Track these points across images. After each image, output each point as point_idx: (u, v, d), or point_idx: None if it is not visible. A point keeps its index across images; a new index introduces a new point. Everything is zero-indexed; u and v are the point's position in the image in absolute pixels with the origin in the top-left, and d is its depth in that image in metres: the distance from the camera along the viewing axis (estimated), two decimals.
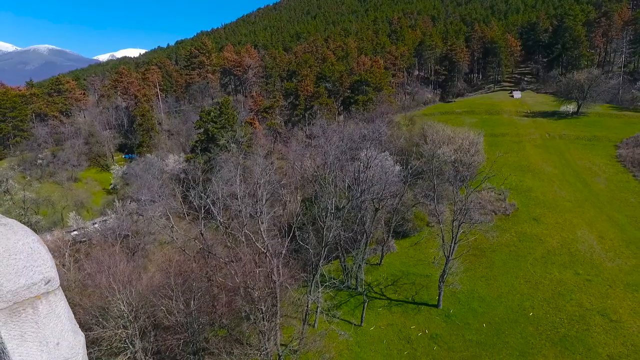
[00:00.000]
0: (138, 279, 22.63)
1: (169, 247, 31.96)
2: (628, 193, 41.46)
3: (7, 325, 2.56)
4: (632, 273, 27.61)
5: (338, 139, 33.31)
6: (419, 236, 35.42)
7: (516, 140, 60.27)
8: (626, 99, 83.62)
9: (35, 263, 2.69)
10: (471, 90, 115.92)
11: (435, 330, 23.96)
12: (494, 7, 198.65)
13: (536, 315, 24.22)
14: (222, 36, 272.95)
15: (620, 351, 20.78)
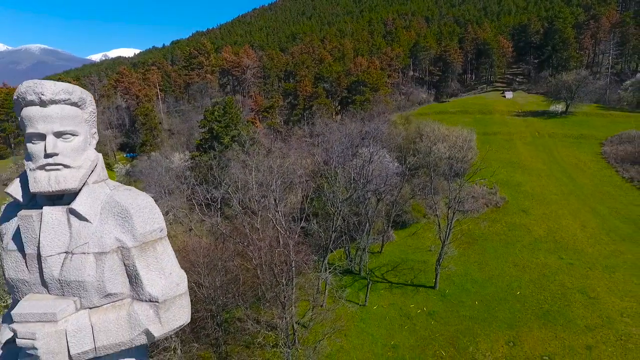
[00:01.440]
0: None
1: (187, 235, 34.20)
2: (610, 187, 44.43)
3: (139, 258, 3.26)
4: (609, 257, 30.41)
5: (341, 136, 35.76)
6: (416, 226, 38.04)
7: (507, 138, 63.16)
8: (613, 99, 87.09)
9: (153, 216, 3.37)
10: (465, 91, 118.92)
11: (432, 308, 26.51)
12: (487, 9, 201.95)
13: (523, 294, 26.87)
14: (217, 36, 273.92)
15: (596, 322, 23.45)
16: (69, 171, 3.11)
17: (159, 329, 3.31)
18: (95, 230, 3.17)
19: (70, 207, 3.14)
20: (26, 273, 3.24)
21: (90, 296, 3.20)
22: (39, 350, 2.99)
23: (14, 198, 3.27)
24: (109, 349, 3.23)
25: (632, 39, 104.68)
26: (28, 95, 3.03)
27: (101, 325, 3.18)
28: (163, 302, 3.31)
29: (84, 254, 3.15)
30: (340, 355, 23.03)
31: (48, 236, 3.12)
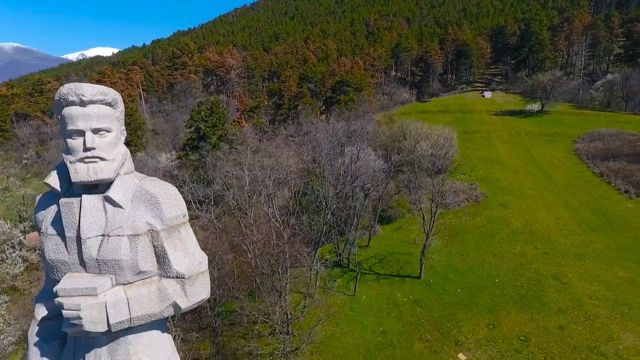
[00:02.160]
0: None
1: None
2: (582, 182, 47.04)
3: (167, 240, 3.61)
4: (580, 246, 32.61)
5: (328, 135, 37.07)
6: (402, 221, 39.64)
7: (486, 136, 65.59)
8: (585, 98, 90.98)
9: (178, 203, 3.72)
10: (445, 91, 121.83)
11: (418, 296, 28.07)
12: (466, 10, 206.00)
13: (501, 281, 28.69)
14: (199, 36, 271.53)
15: (567, 305, 25.38)
16: (104, 163, 3.47)
17: (185, 302, 3.72)
18: (128, 215, 3.53)
19: (106, 195, 3.50)
20: (66, 254, 3.55)
21: (124, 274, 3.56)
22: (83, 320, 3.34)
23: (53, 188, 3.59)
24: (141, 320, 3.60)
25: (602, 41, 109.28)
26: (70, 97, 3.40)
27: (135, 299, 3.53)
28: (189, 278, 3.69)
29: (119, 236, 3.51)
30: (332, 342, 24.33)
31: (87, 221, 3.46)
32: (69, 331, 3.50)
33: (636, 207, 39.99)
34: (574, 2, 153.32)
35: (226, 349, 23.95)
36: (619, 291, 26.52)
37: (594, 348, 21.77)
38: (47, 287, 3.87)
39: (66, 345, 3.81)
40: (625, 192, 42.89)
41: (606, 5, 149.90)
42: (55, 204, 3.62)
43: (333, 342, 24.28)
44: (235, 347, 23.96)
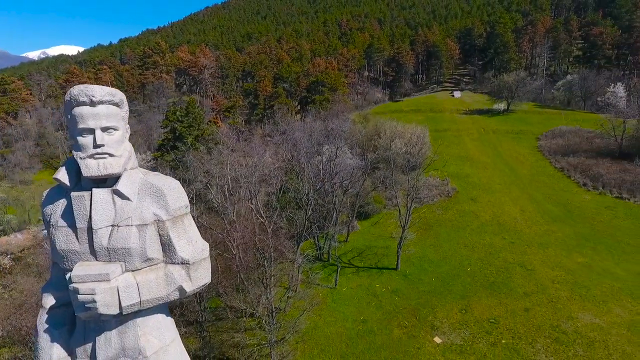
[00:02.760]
0: None
1: None
2: (545, 176, 50.04)
3: (172, 229, 3.85)
4: (543, 236, 35.00)
5: (305, 134, 38.09)
6: (378, 216, 41.16)
7: (456, 134, 68.33)
8: (547, 97, 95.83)
9: (181, 195, 3.95)
10: (417, 90, 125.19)
11: (395, 286, 29.51)
12: (435, 12, 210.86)
13: (472, 269, 30.54)
14: (170, 35, 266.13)
15: (532, 289, 27.41)
16: (113, 159, 3.70)
17: (190, 286, 3.98)
18: (135, 207, 3.78)
19: (115, 188, 3.74)
20: (77, 244, 3.76)
21: (133, 261, 3.79)
22: (97, 303, 3.57)
23: (62, 183, 3.82)
24: (150, 303, 3.85)
25: (563, 44, 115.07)
26: (80, 97, 3.61)
27: (144, 283, 3.78)
28: (193, 263, 3.96)
29: (128, 226, 3.75)
30: (315, 332, 25.37)
31: (98, 212, 3.69)
32: (82, 315, 3.76)
33: (593, 198, 43.07)
34: (536, 5, 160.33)
35: (213, 342, 24.59)
36: (577, 275, 28.82)
37: (556, 327, 23.74)
38: (54, 278, 4.15)
39: (75, 331, 4.08)
40: (583, 185, 46.04)
41: (566, 10, 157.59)
42: (63, 198, 3.86)
43: (316, 332, 25.32)
44: (223, 340, 24.64)
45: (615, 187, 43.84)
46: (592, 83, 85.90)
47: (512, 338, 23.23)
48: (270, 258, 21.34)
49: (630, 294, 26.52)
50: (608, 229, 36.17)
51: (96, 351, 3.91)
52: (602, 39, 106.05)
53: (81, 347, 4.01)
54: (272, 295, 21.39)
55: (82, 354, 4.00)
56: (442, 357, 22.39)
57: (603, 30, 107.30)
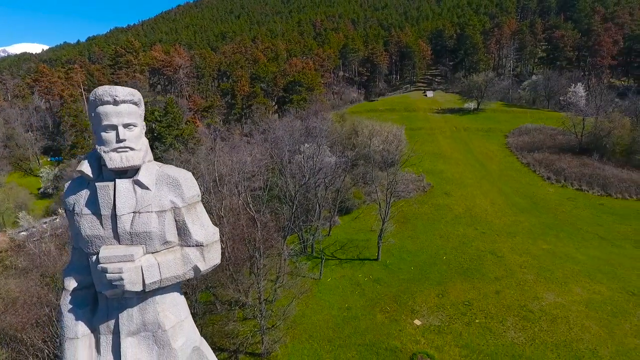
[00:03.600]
0: None
1: None
2: (513, 171, 53.17)
3: (187, 215, 4.22)
4: (511, 226, 37.61)
5: (286, 133, 39.35)
6: (358, 211, 42.89)
7: (430, 133, 71.05)
8: (514, 97, 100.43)
9: (194, 184, 4.33)
10: (391, 90, 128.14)
11: (377, 276, 31.23)
12: (407, 13, 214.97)
13: (448, 258, 32.65)
14: (140, 33, 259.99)
15: (502, 274, 29.70)
16: (133, 152, 4.04)
17: (204, 265, 4.37)
18: (154, 195, 4.13)
19: (135, 179, 4.08)
20: (101, 230, 4.09)
21: (153, 243, 4.13)
22: (124, 281, 3.91)
23: (85, 174, 4.15)
24: (169, 281, 4.22)
25: (528, 45, 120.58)
26: (105, 97, 3.95)
27: (164, 263, 4.12)
28: (206, 245, 4.33)
29: (148, 212, 4.08)
30: (303, 320, 26.72)
31: (121, 200, 4.02)
32: (108, 293, 4.13)
33: (556, 191, 46.28)
34: (502, 8, 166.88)
35: (205, 332, 25.54)
36: (542, 260, 31.36)
37: (524, 306, 26.00)
38: (76, 262, 4.45)
39: (98, 309, 4.44)
40: (547, 178, 49.31)
41: (531, 13, 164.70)
42: (86, 189, 4.19)
43: (304, 320, 26.68)
44: (214, 331, 25.63)
45: (575, 180, 47.25)
46: (555, 83, 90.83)
47: (484, 318, 25.31)
48: (260, 249, 22.55)
49: (588, 275, 29.20)
50: (569, 218, 39.21)
51: (119, 326, 4.29)
52: (564, 41, 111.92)
53: (104, 323, 4.39)
54: (262, 284, 22.60)
55: (105, 330, 4.38)
56: (422, 338, 24.20)
57: (565, 34, 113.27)
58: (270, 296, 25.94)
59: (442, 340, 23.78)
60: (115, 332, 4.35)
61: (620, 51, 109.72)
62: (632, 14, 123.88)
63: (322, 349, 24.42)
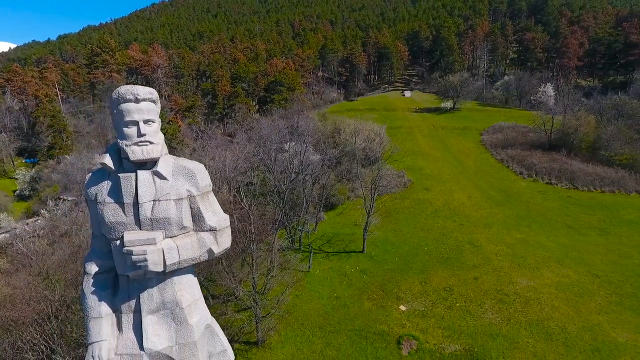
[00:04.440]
0: None
1: None
2: (487, 167, 55.83)
3: (201, 203, 4.60)
4: (487, 217, 39.88)
5: (275, 131, 40.47)
6: (343, 207, 44.40)
7: (409, 131, 73.30)
8: (488, 96, 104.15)
9: (206, 175, 4.71)
10: (370, 90, 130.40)
11: (363, 267, 32.76)
12: (384, 15, 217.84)
13: (429, 248, 34.52)
14: (114, 32, 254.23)
15: (480, 262, 31.74)
16: (152, 146, 4.35)
17: (217, 248, 4.71)
18: (171, 185, 4.47)
19: (155, 170, 4.42)
20: (123, 217, 4.40)
21: (172, 229, 4.46)
22: (148, 262, 4.23)
23: (107, 166, 4.46)
24: (186, 262, 4.56)
25: (500, 47, 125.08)
26: (127, 96, 4.29)
27: (182, 246, 4.46)
28: (219, 230, 4.69)
29: (167, 200, 4.41)
30: (295, 309, 27.96)
31: (143, 189, 4.35)
32: (131, 274, 4.45)
33: (528, 185, 49.07)
34: (475, 11, 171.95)
35: None
36: (516, 249, 33.62)
37: (500, 290, 28.03)
38: (96, 249, 4.78)
39: (119, 291, 4.76)
40: (520, 173, 52.13)
41: (502, 15, 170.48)
42: (107, 180, 4.53)
43: (296, 309, 27.93)
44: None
45: (545, 174, 50.19)
46: (526, 83, 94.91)
47: (464, 302, 27.19)
48: (254, 240, 23.67)
49: (557, 261, 31.59)
50: (540, 210, 41.87)
51: (140, 305, 4.64)
52: (534, 43, 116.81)
53: (126, 303, 4.73)
54: (256, 274, 23.74)
55: (127, 309, 4.73)
56: (408, 321, 25.86)
57: (534, 36, 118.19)
58: (264, 287, 27.08)
59: (426, 323, 25.50)
60: (136, 311, 4.70)
61: (586, 53, 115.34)
62: (596, 17, 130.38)
63: (314, 335, 25.75)
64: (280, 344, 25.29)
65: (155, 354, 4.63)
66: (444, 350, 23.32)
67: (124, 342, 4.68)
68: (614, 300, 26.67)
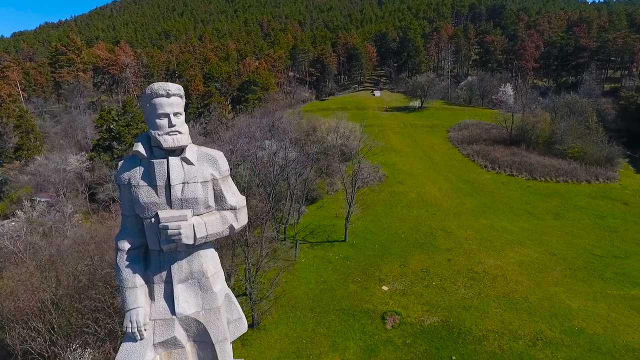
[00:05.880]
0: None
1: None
2: (455, 161, 59.66)
3: (222, 185, 5.12)
4: (457, 207, 43.23)
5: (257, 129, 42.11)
6: (322, 201, 46.62)
7: (381, 129, 76.31)
8: (453, 96, 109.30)
9: (225, 161, 5.23)
10: (340, 90, 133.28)
11: (346, 254, 35.06)
12: (352, 16, 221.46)
13: (406, 235, 37.28)
14: (74, 30, 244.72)
15: (452, 245, 34.77)
16: (181, 135, 4.85)
17: (237, 225, 5.27)
18: (197, 169, 5.00)
19: (183, 156, 4.95)
20: (156, 198, 4.89)
21: (199, 207, 4.99)
22: (182, 235, 4.75)
23: (140, 154, 4.93)
24: (212, 237, 5.09)
25: (463, 49, 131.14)
26: (160, 91, 4.79)
27: (209, 222, 4.98)
28: (238, 209, 5.28)
29: (195, 183, 4.94)
30: (285, 294, 29.84)
31: (174, 173, 4.87)
32: (165, 247, 4.90)
33: (492, 177, 53.08)
34: (439, 13, 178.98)
35: None
36: (483, 233, 36.95)
37: (470, 269, 31.06)
38: (128, 229, 5.22)
39: (151, 264, 5.21)
40: (484, 167, 56.16)
41: (464, 18, 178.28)
42: (139, 166, 4.97)
43: (287, 294, 29.82)
44: None
45: (507, 167, 54.43)
46: (487, 83, 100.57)
47: (440, 280, 30.02)
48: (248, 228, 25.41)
49: (520, 243, 35.12)
50: (503, 199, 45.72)
51: (172, 275, 5.12)
52: (494, 45, 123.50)
53: (157, 275, 5.18)
54: (252, 259, 25.52)
55: (158, 280, 5.19)
56: (390, 300, 28.37)
57: (494, 39, 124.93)
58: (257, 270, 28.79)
59: (406, 300, 28.10)
60: (167, 281, 5.17)
61: (541, 55, 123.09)
62: (550, 22, 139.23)
63: (305, 316, 27.80)
64: (274, 325, 27.16)
65: (185, 318, 5.16)
66: (423, 323, 25.95)
67: (156, 309, 5.16)
68: (567, 274, 30.30)
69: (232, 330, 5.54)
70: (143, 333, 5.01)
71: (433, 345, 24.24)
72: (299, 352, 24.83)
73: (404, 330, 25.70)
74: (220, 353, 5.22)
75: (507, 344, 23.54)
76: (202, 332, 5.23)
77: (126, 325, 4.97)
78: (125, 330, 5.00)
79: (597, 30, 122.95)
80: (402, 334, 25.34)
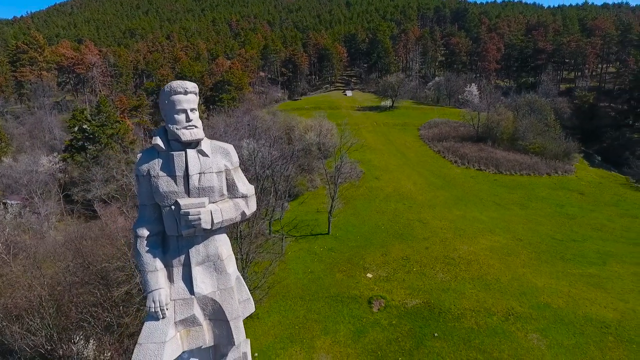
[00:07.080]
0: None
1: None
2: (427, 157, 62.65)
3: (234, 175, 5.52)
4: (432, 199, 45.86)
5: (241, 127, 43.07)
6: (304, 197, 48.10)
7: (355, 128, 78.43)
8: (422, 96, 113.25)
9: (235, 153, 5.65)
10: (312, 90, 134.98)
11: (330, 246, 36.71)
12: (321, 17, 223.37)
13: (386, 227, 39.37)
14: (31, 27, 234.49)
15: (428, 235, 37.15)
16: (197, 129, 5.26)
17: (248, 211, 5.76)
18: (212, 160, 5.42)
19: (199, 149, 5.35)
20: (175, 187, 5.25)
21: (215, 196, 5.39)
22: (201, 220, 5.14)
23: (159, 147, 5.30)
24: (227, 222, 5.53)
25: (430, 50, 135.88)
26: (178, 89, 5.16)
27: (224, 209, 5.42)
28: (249, 197, 5.79)
29: (210, 173, 5.34)
30: (275, 285, 31.12)
31: (192, 164, 5.26)
32: (184, 232, 5.29)
33: (462, 172, 56.29)
34: (406, 15, 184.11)
35: None
36: (457, 223, 39.59)
37: (446, 256, 33.44)
38: (146, 217, 5.53)
39: (170, 249, 5.57)
40: (454, 162, 59.40)
41: (429, 21, 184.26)
42: (157, 158, 5.33)
43: (276, 286, 31.10)
44: None
45: (475, 162, 57.86)
46: (454, 84, 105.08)
47: (419, 267, 32.21)
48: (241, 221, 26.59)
49: (490, 231, 37.97)
50: (473, 191, 48.82)
51: (190, 258, 5.47)
52: (459, 47, 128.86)
53: (176, 258, 5.49)
54: (244, 248, 26.72)
55: (177, 263, 5.51)
56: (375, 286, 30.25)
57: (459, 41, 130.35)
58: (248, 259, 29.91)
59: (390, 286, 30.07)
60: (185, 264, 5.50)
61: (503, 57, 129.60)
62: (510, 25, 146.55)
63: (295, 304, 29.22)
64: (267, 313, 28.42)
65: (203, 298, 5.51)
66: (407, 305, 27.98)
67: (176, 290, 5.50)
68: (533, 256, 33.26)
69: (242, 309, 5.94)
70: (165, 312, 5.33)
71: (416, 324, 26.29)
72: (293, 337, 26.25)
73: (389, 312, 27.62)
74: (234, 329, 5.63)
75: (482, 320, 25.91)
76: (217, 311, 5.60)
77: (149, 305, 5.28)
78: (148, 309, 5.32)
79: (553, 34, 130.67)
80: (388, 316, 27.25)
